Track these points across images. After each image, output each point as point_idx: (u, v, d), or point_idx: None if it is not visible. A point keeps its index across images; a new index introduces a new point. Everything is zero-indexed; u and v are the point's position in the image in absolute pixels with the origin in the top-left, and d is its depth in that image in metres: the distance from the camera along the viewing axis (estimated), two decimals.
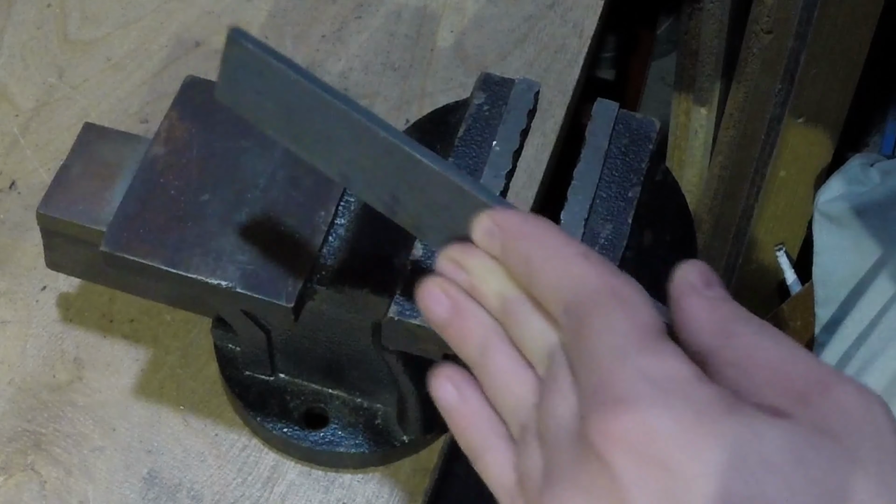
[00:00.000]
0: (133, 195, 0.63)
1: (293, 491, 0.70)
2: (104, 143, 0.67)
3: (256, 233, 0.62)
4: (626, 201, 0.58)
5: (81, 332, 0.75)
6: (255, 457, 0.71)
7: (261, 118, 0.47)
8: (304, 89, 0.45)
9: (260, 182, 0.63)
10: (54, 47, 0.87)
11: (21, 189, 0.80)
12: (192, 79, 0.68)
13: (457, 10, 0.90)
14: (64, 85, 0.85)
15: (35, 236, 0.72)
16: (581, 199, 0.58)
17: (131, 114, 0.84)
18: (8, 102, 0.84)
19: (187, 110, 0.66)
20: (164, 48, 0.87)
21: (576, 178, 0.59)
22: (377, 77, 0.86)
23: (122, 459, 0.70)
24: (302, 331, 0.66)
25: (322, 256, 0.62)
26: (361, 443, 0.69)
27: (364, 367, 0.68)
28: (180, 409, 0.72)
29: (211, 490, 0.69)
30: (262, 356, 0.69)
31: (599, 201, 0.58)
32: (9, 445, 0.70)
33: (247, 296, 0.60)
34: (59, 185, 0.66)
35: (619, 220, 0.58)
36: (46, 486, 0.69)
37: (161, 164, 0.64)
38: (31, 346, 0.74)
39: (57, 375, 0.73)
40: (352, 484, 0.70)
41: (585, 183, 0.58)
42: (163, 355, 0.74)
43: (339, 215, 0.63)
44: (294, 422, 0.70)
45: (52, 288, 0.76)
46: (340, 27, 0.89)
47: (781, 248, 1.31)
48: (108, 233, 0.62)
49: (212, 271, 0.60)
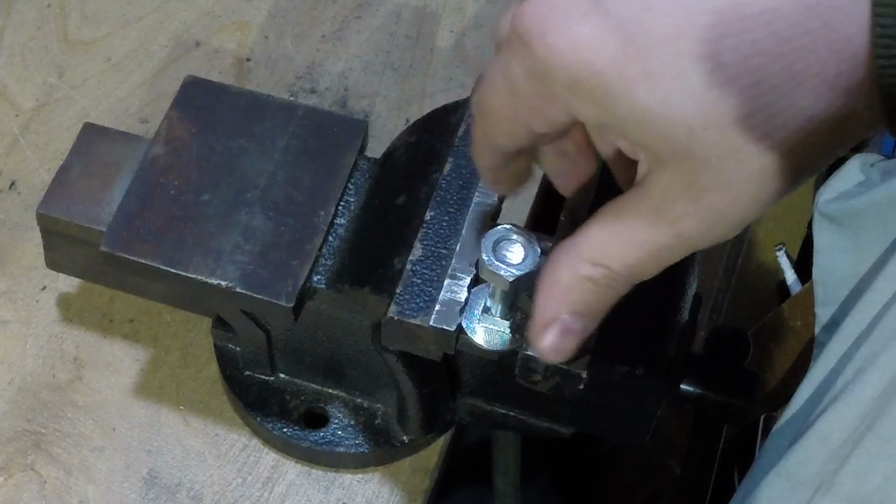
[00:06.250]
0: (133, 195, 0.63)
1: (293, 491, 0.70)
2: (104, 143, 0.67)
3: (256, 233, 0.62)
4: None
5: (81, 332, 0.75)
6: (255, 457, 0.71)
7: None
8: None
9: (260, 182, 0.63)
10: (54, 47, 0.87)
11: (21, 189, 0.80)
12: (192, 79, 0.68)
13: (457, 10, 0.90)
14: (64, 85, 0.85)
15: (35, 236, 0.72)
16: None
17: (131, 114, 0.84)
18: (8, 102, 0.84)
19: (187, 110, 0.66)
20: (164, 48, 0.87)
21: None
22: (377, 77, 0.86)
23: (122, 459, 0.70)
24: (302, 331, 0.66)
25: (322, 256, 0.62)
26: (361, 443, 0.69)
27: (364, 367, 0.68)
28: (180, 409, 0.72)
29: (211, 490, 0.69)
30: (262, 356, 0.69)
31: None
32: (9, 445, 0.70)
33: (247, 296, 0.60)
34: (59, 185, 0.66)
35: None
36: (46, 486, 0.69)
37: (161, 164, 0.64)
38: (31, 346, 0.74)
39: (57, 375, 0.73)
40: (352, 484, 0.70)
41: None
42: (163, 355, 0.74)
43: (339, 215, 0.63)
44: (294, 422, 0.70)
45: (52, 288, 0.76)
46: (340, 27, 0.89)
47: (781, 248, 1.31)
48: (108, 233, 0.62)
49: (212, 271, 0.60)
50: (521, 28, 0.41)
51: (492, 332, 0.56)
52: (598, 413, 0.64)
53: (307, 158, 0.64)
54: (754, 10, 0.38)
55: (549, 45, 0.40)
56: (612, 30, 0.39)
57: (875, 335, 0.64)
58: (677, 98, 0.39)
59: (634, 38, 0.39)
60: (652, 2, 0.39)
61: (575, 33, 0.40)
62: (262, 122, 0.66)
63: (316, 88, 0.85)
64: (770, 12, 0.38)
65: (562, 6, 0.40)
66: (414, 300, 0.57)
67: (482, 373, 0.66)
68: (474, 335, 0.56)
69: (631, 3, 0.39)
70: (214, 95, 0.67)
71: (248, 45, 0.87)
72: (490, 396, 0.67)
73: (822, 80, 0.38)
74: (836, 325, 0.74)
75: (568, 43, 0.40)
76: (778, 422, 0.67)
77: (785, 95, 0.38)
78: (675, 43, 0.39)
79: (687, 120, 0.39)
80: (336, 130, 0.66)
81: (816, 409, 0.63)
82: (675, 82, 0.39)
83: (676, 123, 0.39)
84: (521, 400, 0.66)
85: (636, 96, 0.39)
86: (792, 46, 0.38)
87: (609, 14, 0.39)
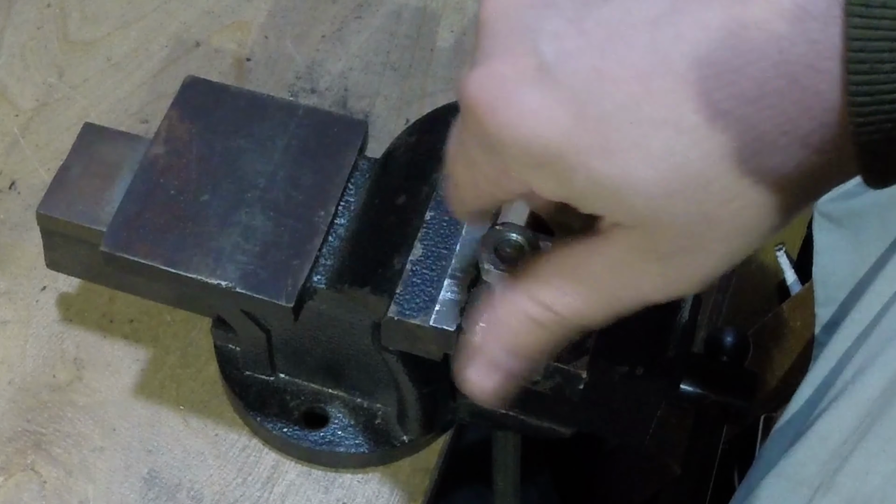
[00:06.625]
0: (133, 195, 0.63)
1: (293, 491, 0.70)
2: (104, 143, 0.67)
3: (256, 233, 0.62)
4: None
5: (81, 332, 0.75)
6: (255, 457, 0.71)
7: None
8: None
9: (260, 182, 0.63)
10: (54, 47, 0.87)
11: (21, 189, 0.80)
12: (192, 79, 0.68)
13: (457, 10, 0.90)
14: (64, 85, 0.85)
15: (35, 236, 0.72)
16: None
17: (131, 114, 0.84)
18: (8, 102, 0.84)
19: (187, 110, 0.66)
20: (164, 48, 0.87)
21: None
22: (377, 77, 0.86)
23: (122, 459, 0.70)
24: (302, 331, 0.66)
25: (322, 256, 0.62)
26: (361, 443, 0.69)
27: (364, 367, 0.68)
28: (180, 409, 0.72)
29: (211, 490, 0.69)
30: (262, 356, 0.69)
31: None
32: (9, 445, 0.70)
33: (247, 296, 0.60)
34: (59, 185, 0.66)
35: None
36: (46, 486, 0.69)
37: (161, 164, 0.64)
38: (31, 346, 0.74)
39: (57, 375, 0.73)
40: (352, 484, 0.70)
41: None
42: (163, 355, 0.74)
43: (339, 215, 0.63)
44: (294, 422, 0.70)
45: (52, 288, 0.76)
46: (340, 27, 0.89)
47: (781, 248, 1.31)
48: (108, 233, 0.62)
49: (212, 271, 0.60)
50: (469, 101, 0.39)
51: None
52: (598, 413, 0.64)
53: (307, 158, 0.64)
54: (717, 71, 0.36)
55: (498, 119, 0.38)
56: (564, 101, 0.37)
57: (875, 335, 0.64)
58: (637, 168, 0.37)
59: (587, 108, 0.37)
60: (604, 68, 0.37)
61: (525, 106, 0.38)
62: (262, 122, 0.66)
63: (316, 88, 0.85)
64: (733, 72, 0.36)
65: (508, 76, 0.38)
66: (414, 300, 0.57)
67: None
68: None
69: (581, 71, 0.37)
70: (214, 95, 0.67)
71: (248, 45, 0.87)
72: None
73: (792, 139, 0.36)
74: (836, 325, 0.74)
75: (518, 117, 0.38)
76: (778, 422, 0.67)
77: (755, 158, 0.37)
78: (631, 111, 0.37)
79: (649, 190, 0.37)
80: (336, 130, 0.66)
81: (816, 409, 0.63)
82: (633, 152, 0.37)
83: (638, 193, 0.38)
84: (521, 400, 0.66)
85: (594, 168, 0.37)
86: (758, 107, 0.36)
87: (559, 84, 0.37)
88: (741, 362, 0.68)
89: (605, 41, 0.37)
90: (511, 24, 0.39)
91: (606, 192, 0.38)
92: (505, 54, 0.39)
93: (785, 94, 0.35)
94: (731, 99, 0.36)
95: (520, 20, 0.39)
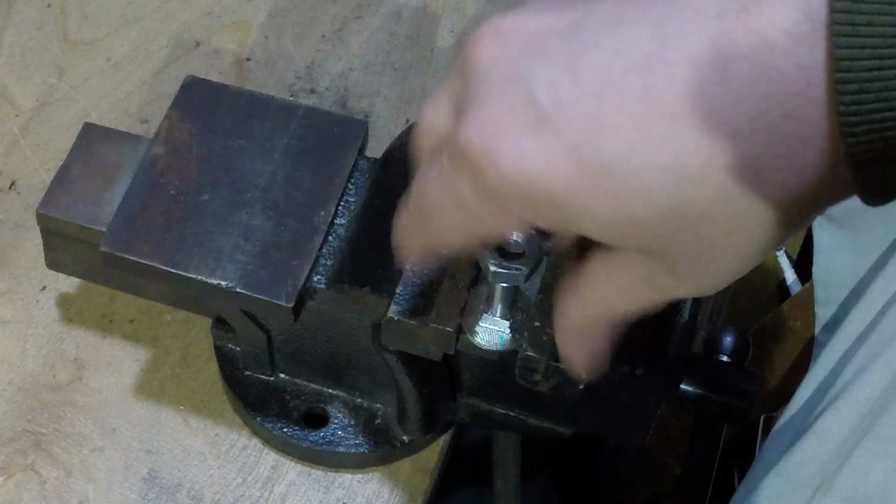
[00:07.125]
0: (133, 195, 0.63)
1: (293, 491, 0.70)
2: (104, 143, 0.67)
3: (256, 233, 0.62)
4: None
5: (81, 332, 0.75)
6: (255, 457, 0.71)
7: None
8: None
9: (260, 182, 0.63)
10: (54, 47, 0.87)
11: (21, 189, 0.80)
12: (192, 79, 0.68)
13: (457, 10, 0.90)
14: (64, 85, 0.85)
15: (35, 236, 0.72)
16: None
17: (131, 114, 0.84)
18: (8, 102, 0.84)
19: (187, 110, 0.66)
20: (164, 48, 0.87)
21: None
22: (377, 77, 0.86)
23: (122, 459, 0.70)
24: (302, 331, 0.66)
25: (322, 256, 0.62)
26: (361, 443, 0.69)
27: (364, 367, 0.68)
28: (180, 409, 0.72)
29: (211, 490, 0.69)
30: (262, 356, 0.69)
31: None
32: (9, 445, 0.70)
33: (247, 296, 0.60)
34: (59, 185, 0.66)
35: None
36: (46, 486, 0.69)
37: (161, 164, 0.64)
38: (31, 346, 0.74)
39: (57, 375, 0.73)
40: (352, 484, 0.70)
41: None
42: (163, 355, 0.74)
43: (339, 215, 0.63)
44: (294, 422, 0.70)
45: (52, 288, 0.76)
46: (340, 27, 0.89)
47: (781, 248, 1.31)
48: (108, 233, 0.62)
49: (212, 271, 0.60)
50: (466, 148, 0.39)
51: (492, 332, 0.56)
52: (598, 413, 0.64)
53: (307, 158, 0.64)
54: (711, 109, 0.36)
55: (499, 169, 0.39)
56: (565, 152, 0.38)
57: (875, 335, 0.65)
58: (641, 212, 0.38)
59: (588, 160, 0.38)
60: (601, 117, 0.37)
61: (526, 157, 0.38)
62: (262, 122, 0.66)
63: (316, 88, 0.85)
64: (728, 108, 0.36)
65: (508, 126, 0.39)
66: (414, 300, 0.57)
67: (482, 373, 0.66)
68: (474, 335, 0.56)
69: (578, 121, 0.38)
70: (214, 95, 0.67)
71: (248, 45, 0.87)
72: (490, 396, 0.67)
73: (790, 167, 0.36)
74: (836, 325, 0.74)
75: (519, 168, 0.38)
76: (778, 422, 0.67)
77: (754, 191, 0.37)
78: (630, 161, 0.37)
79: (654, 229, 0.39)
80: (336, 130, 0.66)
81: (816, 409, 0.63)
82: (636, 198, 0.38)
83: (645, 232, 0.39)
84: (521, 400, 0.66)
85: (598, 213, 0.38)
86: (755, 142, 0.36)
87: (558, 134, 0.38)
88: (741, 362, 0.68)
89: (599, 88, 0.37)
90: (504, 71, 0.39)
91: (611, 232, 0.40)
92: (501, 102, 0.39)
93: (780, 127, 0.36)
94: (728, 139, 0.36)
95: (513, 67, 0.39)
